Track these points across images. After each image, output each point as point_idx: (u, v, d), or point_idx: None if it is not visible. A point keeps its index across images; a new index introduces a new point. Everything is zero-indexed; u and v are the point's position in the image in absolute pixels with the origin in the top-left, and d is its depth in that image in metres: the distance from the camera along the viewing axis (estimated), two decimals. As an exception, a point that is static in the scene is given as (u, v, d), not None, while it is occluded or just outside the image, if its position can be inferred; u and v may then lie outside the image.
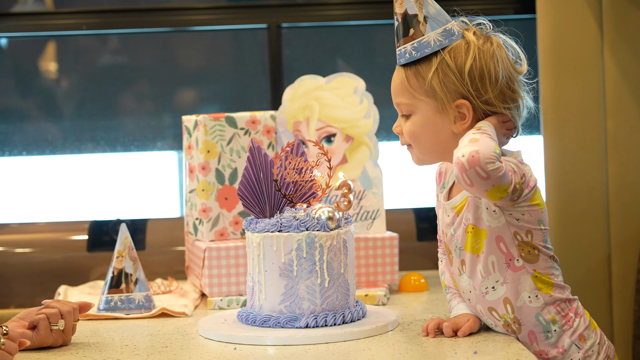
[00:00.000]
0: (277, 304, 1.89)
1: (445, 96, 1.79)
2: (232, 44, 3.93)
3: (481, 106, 1.79)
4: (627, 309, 2.86)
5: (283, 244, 1.88)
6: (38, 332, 1.84)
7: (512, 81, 1.81)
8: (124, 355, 1.79)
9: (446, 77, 1.79)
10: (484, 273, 1.82)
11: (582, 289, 2.79)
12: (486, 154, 1.64)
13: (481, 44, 1.80)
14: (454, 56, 1.79)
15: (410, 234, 2.84)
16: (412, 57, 1.81)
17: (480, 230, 1.80)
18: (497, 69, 1.79)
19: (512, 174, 1.69)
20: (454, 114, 1.80)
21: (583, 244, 2.87)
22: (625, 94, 2.87)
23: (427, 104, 1.82)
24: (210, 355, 1.76)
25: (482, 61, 1.78)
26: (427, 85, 1.80)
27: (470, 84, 1.78)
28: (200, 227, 2.36)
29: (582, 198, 2.88)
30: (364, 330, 1.85)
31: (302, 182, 1.98)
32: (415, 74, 1.82)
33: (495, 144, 1.67)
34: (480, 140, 1.67)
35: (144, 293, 2.21)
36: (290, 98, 2.43)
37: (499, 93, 1.79)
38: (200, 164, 2.36)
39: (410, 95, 1.83)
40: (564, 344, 1.81)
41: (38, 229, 2.94)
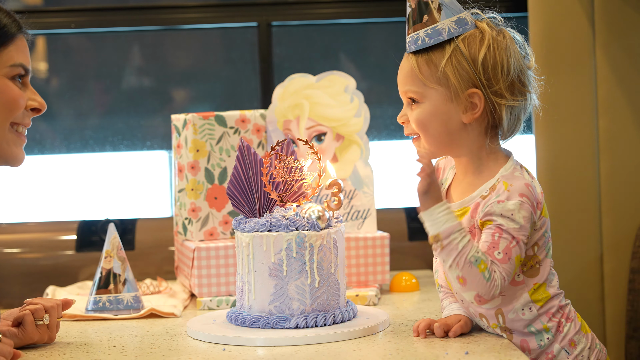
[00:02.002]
0: (267, 304, 1.89)
1: (458, 84, 1.78)
2: (223, 43, 3.93)
3: (491, 97, 1.78)
4: (619, 309, 2.86)
5: (273, 243, 1.88)
6: (24, 329, 1.85)
7: (522, 74, 1.81)
8: (111, 356, 1.79)
9: (460, 65, 1.78)
10: None
11: (574, 288, 2.79)
12: (486, 291, 1.72)
13: (495, 34, 1.80)
14: (468, 44, 1.78)
15: (401, 234, 2.84)
16: (424, 43, 1.80)
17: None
18: (509, 60, 1.79)
19: (514, 250, 1.74)
20: (465, 103, 1.79)
21: (575, 244, 2.87)
22: (617, 92, 2.87)
23: (437, 92, 1.80)
24: (199, 356, 1.76)
25: (495, 52, 1.78)
26: (439, 72, 1.79)
27: (482, 73, 1.77)
28: (190, 226, 2.36)
29: (574, 197, 2.88)
30: (354, 331, 1.85)
31: (292, 181, 1.98)
32: (427, 61, 1.80)
33: (471, 255, 1.71)
34: (466, 280, 1.72)
35: (132, 293, 2.20)
36: (280, 97, 2.43)
37: (510, 85, 1.79)
38: (189, 163, 2.35)
39: (421, 83, 1.81)
40: (553, 350, 1.81)
41: (26, 229, 2.93)
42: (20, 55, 1.77)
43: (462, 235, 1.72)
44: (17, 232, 2.90)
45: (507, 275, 1.73)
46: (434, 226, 1.72)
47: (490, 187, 1.79)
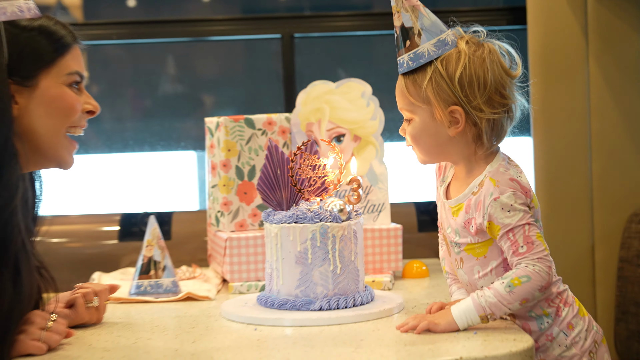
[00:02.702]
0: (293, 288, 1.89)
1: (438, 103, 1.76)
2: (247, 53, 3.94)
3: (471, 111, 1.76)
4: (609, 294, 2.86)
5: (299, 234, 1.88)
6: (75, 310, 1.86)
7: (502, 87, 1.77)
8: (154, 335, 1.80)
9: (439, 86, 1.76)
10: (482, 274, 1.82)
11: (568, 276, 2.77)
12: (538, 285, 1.71)
13: (472, 52, 1.76)
14: (445, 65, 1.76)
15: (412, 226, 2.84)
16: (409, 67, 1.79)
17: (488, 239, 1.80)
18: (486, 75, 1.75)
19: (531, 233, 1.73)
20: (449, 119, 1.77)
21: (569, 235, 2.87)
22: (609, 98, 2.87)
23: (424, 110, 1.79)
24: (233, 335, 1.77)
25: (471, 69, 1.75)
26: (422, 92, 1.78)
27: (460, 91, 1.75)
28: (222, 219, 2.37)
29: (568, 193, 2.88)
30: (372, 313, 1.85)
31: (315, 177, 1.99)
32: (413, 82, 1.80)
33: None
34: (523, 297, 1.71)
35: (171, 279, 2.21)
36: (303, 101, 2.43)
37: (488, 99, 1.76)
38: (221, 161, 2.36)
39: (410, 102, 1.81)
40: (553, 332, 1.80)
41: (73, 220, 2.95)
42: (75, 63, 1.77)
43: (480, 295, 1.71)
44: (65, 223, 2.91)
45: (541, 255, 1.71)
46: (473, 319, 1.71)
47: (479, 184, 1.79)
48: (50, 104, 1.73)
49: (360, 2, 4.05)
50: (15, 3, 1.72)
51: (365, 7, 4.07)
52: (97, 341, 1.75)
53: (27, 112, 1.71)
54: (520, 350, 1.58)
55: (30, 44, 1.71)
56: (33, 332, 1.66)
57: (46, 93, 1.72)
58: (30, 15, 1.74)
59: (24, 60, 1.70)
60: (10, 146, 1.64)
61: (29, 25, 1.73)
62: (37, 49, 1.72)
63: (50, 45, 1.73)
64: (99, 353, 1.65)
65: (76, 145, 1.82)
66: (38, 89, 1.71)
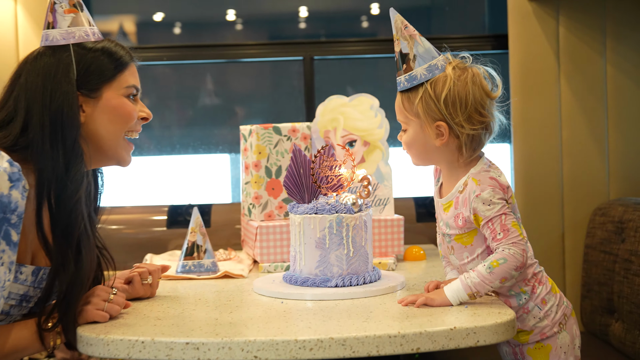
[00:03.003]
0: (314, 268, 1.89)
1: (426, 118, 1.76)
2: (273, 72, 3.94)
3: (454, 126, 1.75)
4: (576, 276, 2.85)
5: (318, 223, 1.88)
6: (132, 286, 1.86)
7: (482, 106, 1.76)
8: (197, 306, 1.80)
9: (427, 104, 1.76)
10: (470, 258, 1.81)
11: (542, 259, 2.75)
12: (514, 266, 1.70)
13: (457, 76, 1.75)
14: (434, 87, 1.76)
15: (411, 217, 2.84)
16: (405, 86, 1.79)
17: (473, 230, 1.80)
18: (467, 97, 1.74)
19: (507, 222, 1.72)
20: (435, 132, 1.77)
21: (543, 225, 2.87)
22: (577, 111, 2.86)
23: (416, 123, 1.79)
24: (263, 306, 1.77)
25: (455, 91, 1.74)
26: (414, 108, 1.78)
27: (445, 109, 1.74)
28: (253, 210, 2.37)
29: (542, 191, 2.87)
30: (379, 289, 1.85)
31: (332, 176, 1.98)
32: (407, 99, 1.79)
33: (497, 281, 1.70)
34: (502, 276, 1.70)
35: (211, 260, 2.21)
36: (321, 113, 2.43)
37: (468, 117, 1.75)
38: (253, 162, 2.36)
39: (405, 115, 1.81)
40: (528, 307, 1.81)
41: (129, 211, 2.95)
42: (132, 78, 1.78)
43: (467, 277, 1.70)
44: (122, 213, 2.92)
45: (515, 240, 1.71)
46: (462, 297, 1.70)
47: (463, 184, 1.78)
48: (112, 112, 1.73)
49: (368, 31, 4.04)
50: (82, 28, 1.73)
51: (371, 34, 4.06)
52: (150, 311, 1.75)
53: (92, 119, 1.72)
54: (504, 321, 1.58)
55: (95, 62, 1.72)
56: (97, 303, 1.66)
57: (108, 103, 1.73)
58: (94, 38, 1.75)
59: (90, 75, 1.71)
60: (77, 147, 1.65)
61: (94, 47, 1.73)
62: (101, 67, 1.72)
63: (111, 63, 1.74)
64: (152, 321, 1.65)
65: (133, 146, 1.82)
66: (101, 100, 1.72)
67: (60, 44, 1.70)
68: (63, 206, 1.61)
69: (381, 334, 1.50)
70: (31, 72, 1.67)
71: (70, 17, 1.72)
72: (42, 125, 1.62)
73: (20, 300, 1.62)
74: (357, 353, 1.49)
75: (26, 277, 1.61)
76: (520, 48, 2.85)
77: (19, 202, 1.51)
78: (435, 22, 4.18)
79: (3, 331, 1.58)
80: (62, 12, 1.72)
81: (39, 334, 1.59)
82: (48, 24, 1.72)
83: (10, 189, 1.50)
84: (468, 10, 4.07)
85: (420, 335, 1.51)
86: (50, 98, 1.64)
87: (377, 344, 1.50)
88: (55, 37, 1.71)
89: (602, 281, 2.60)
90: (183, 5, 4.02)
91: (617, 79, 2.86)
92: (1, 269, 1.50)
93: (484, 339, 1.55)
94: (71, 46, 1.70)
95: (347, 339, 1.49)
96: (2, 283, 1.50)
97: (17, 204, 1.51)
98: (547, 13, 2.85)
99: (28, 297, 1.64)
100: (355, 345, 1.49)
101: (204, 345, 1.49)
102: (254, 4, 3.99)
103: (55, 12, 1.72)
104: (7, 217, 1.49)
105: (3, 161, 1.52)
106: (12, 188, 1.51)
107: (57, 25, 1.71)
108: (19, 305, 1.63)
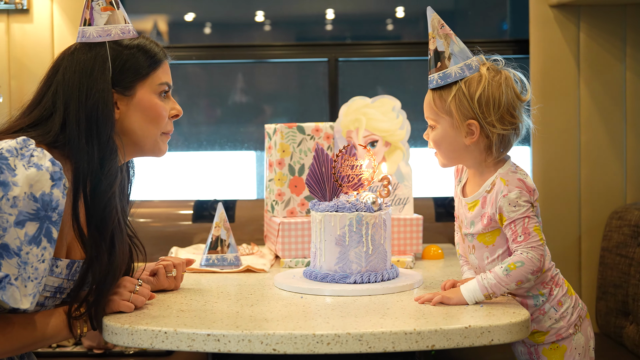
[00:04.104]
0: (333, 265, 1.89)
1: (459, 116, 1.75)
2: (300, 73, 3.93)
3: (485, 126, 1.74)
4: (592, 278, 2.83)
5: (339, 220, 1.88)
6: (157, 278, 1.87)
7: (513, 108, 1.75)
8: (220, 299, 1.80)
9: (461, 102, 1.74)
10: (490, 259, 1.80)
11: (559, 261, 2.75)
12: (530, 270, 1.69)
13: (491, 77, 1.75)
14: (468, 86, 1.74)
15: (430, 216, 2.82)
16: (438, 84, 1.78)
17: (496, 229, 1.78)
18: (500, 98, 1.73)
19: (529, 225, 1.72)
20: (466, 130, 1.76)
21: (561, 228, 2.85)
22: (596, 116, 2.84)
23: (446, 121, 1.78)
24: (284, 301, 1.77)
25: (489, 91, 1.73)
26: (447, 106, 1.76)
27: (478, 108, 1.73)
28: (276, 206, 2.37)
29: (560, 194, 2.86)
30: (397, 286, 1.84)
31: (353, 175, 1.98)
32: (439, 96, 1.78)
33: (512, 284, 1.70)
34: (518, 279, 1.69)
35: (234, 254, 2.22)
36: (344, 113, 2.43)
37: (500, 117, 1.74)
38: (277, 160, 2.36)
39: (435, 113, 1.79)
40: (545, 308, 1.80)
41: (156, 205, 2.96)
42: (165, 75, 1.77)
43: (484, 277, 1.69)
44: (149, 207, 2.93)
45: (535, 244, 1.70)
46: (478, 297, 1.69)
47: (491, 184, 1.77)
48: (144, 111, 1.73)
49: (392, 34, 4.03)
50: (118, 26, 1.73)
51: (395, 37, 4.05)
52: (174, 303, 1.76)
53: (126, 116, 1.72)
54: (519, 321, 1.57)
55: (130, 59, 1.72)
56: (124, 293, 1.67)
57: (141, 102, 1.73)
58: (130, 36, 1.75)
59: (125, 73, 1.71)
60: (112, 143, 1.66)
61: (130, 44, 1.73)
62: (136, 64, 1.72)
63: (146, 60, 1.73)
64: (176, 313, 1.66)
65: (169, 136, 1.82)
66: (135, 98, 1.72)
67: (96, 41, 1.70)
68: (98, 201, 1.61)
69: (397, 331, 1.49)
70: (68, 68, 1.67)
71: (107, 15, 1.72)
72: (78, 122, 1.63)
73: (54, 292, 1.63)
74: (373, 348, 1.49)
75: (61, 271, 1.62)
76: (541, 53, 2.83)
77: (59, 201, 1.52)
78: (458, 26, 4.16)
79: (34, 319, 1.60)
80: (99, 9, 1.72)
81: (68, 321, 1.61)
82: (85, 20, 1.72)
83: (52, 188, 1.52)
84: (490, 15, 4.04)
85: (436, 333, 1.50)
86: (86, 95, 1.65)
87: (393, 340, 1.49)
88: (91, 34, 1.71)
89: (618, 284, 2.58)
90: (213, 6, 4.03)
91: (636, 85, 2.83)
92: (42, 265, 1.51)
93: (498, 338, 1.53)
94: (107, 43, 1.70)
95: (363, 335, 1.49)
96: (40, 279, 1.51)
97: (57, 202, 1.52)
98: (568, 19, 2.82)
99: (62, 289, 1.65)
100: (371, 340, 1.49)
101: (225, 337, 1.49)
102: (282, 5, 3.99)
103: (92, 9, 1.72)
104: (48, 215, 1.51)
105: (45, 160, 1.53)
106: (53, 187, 1.52)
107: (94, 23, 1.71)
108: (53, 297, 1.64)
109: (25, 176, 1.49)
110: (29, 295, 1.49)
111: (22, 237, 1.48)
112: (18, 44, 2.87)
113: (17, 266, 1.48)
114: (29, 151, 1.53)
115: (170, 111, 1.79)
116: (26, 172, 1.50)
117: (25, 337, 1.58)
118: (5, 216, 1.47)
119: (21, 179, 1.49)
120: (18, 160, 1.51)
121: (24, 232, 1.48)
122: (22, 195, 1.48)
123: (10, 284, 1.47)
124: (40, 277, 1.51)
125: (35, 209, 1.49)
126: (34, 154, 1.53)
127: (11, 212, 1.47)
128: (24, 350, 1.60)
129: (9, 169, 1.49)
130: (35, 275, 1.50)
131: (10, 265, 1.47)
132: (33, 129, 1.64)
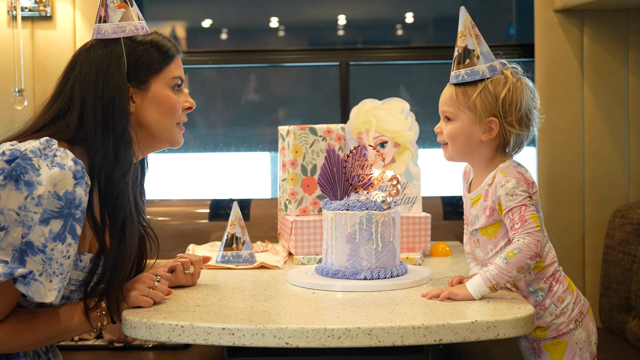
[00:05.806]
0: (344, 261, 1.89)
1: (483, 112, 1.76)
2: (312, 76, 3.94)
3: (504, 125, 1.76)
4: (595, 274, 2.82)
5: (349, 219, 1.88)
6: (175, 275, 1.87)
7: (529, 113, 1.78)
8: (235, 294, 1.81)
9: (486, 99, 1.75)
10: (494, 251, 1.80)
11: (563, 258, 2.75)
12: (529, 255, 1.69)
13: (514, 81, 1.77)
14: (494, 85, 1.76)
15: (438, 215, 2.82)
16: (464, 79, 1.78)
17: (497, 222, 1.78)
18: (522, 101, 1.76)
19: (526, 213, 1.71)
20: (485, 126, 1.77)
21: (565, 226, 2.84)
22: (599, 118, 2.83)
23: (467, 115, 1.78)
24: (296, 297, 1.77)
25: (513, 93, 1.75)
26: (470, 101, 1.76)
27: (501, 107, 1.75)
28: (289, 205, 2.37)
29: (565, 193, 2.85)
30: (406, 283, 1.84)
31: (363, 175, 1.98)
32: (463, 92, 1.78)
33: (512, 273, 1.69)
34: (518, 265, 1.69)
35: (248, 251, 2.22)
36: (355, 115, 2.43)
37: (519, 118, 1.76)
38: (290, 160, 2.36)
39: (456, 107, 1.79)
40: (545, 304, 1.79)
41: (174, 204, 2.97)
42: (177, 69, 1.78)
43: (486, 270, 1.70)
44: (167, 206, 2.94)
45: (531, 230, 1.70)
46: (483, 290, 1.69)
47: (492, 177, 1.78)
48: (159, 104, 1.74)
49: (402, 38, 4.02)
50: (132, 23, 1.74)
51: (405, 42, 4.04)
52: (190, 298, 1.77)
53: (142, 109, 1.73)
54: (524, 316, 1.56)
55: (144, 54, 1.72)
56: (142, 289, 1.68)
57: (155, 95, 1.73)
58: (143, 32, 1.75)
59: (139, 67, 1.71)
60: (127, 135, 1.66)
61: (144, 39, 1.74)
62: (149, 59, 1.73)
63: (159, 55, 1.74)
64: (192, 308, 1.67)
65: (183, 128, 1.83)
66: (149, 92, 1.73)
67: (111, 37, 1.71)
68: (111, 189, 1.62)
69: (406, 325, 1.49)
70: (85, 63, 1.68)
71: (121, 12, 1.73)
72: (95, 114, 1.64)
73: (79, 285, 1.64)
74: (383, 342, 1.49)
75: (85, 265, 1.63)
76: (545, 57, 2.82)
77: (82, 199, 1.53)
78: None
79: (58, 313, 1.61)
80: (114, 7, 1.73)
81: (86, 312, 1.61)
82: (100, 17, 1.73)
83: (74, 186, 1.53)
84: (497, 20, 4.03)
85: (443, 327, 1.50)
86: (102, 89, 1.65)
87: (402, 334, 1.49)
88: (107, 31, 1.72)
89: (621, 280, 2.57)
90: (230, 12, 4.04)
91: (638, 87, 2.82)
92: (67, 261, 1.52)
93: (503, 333, 1.53)
94: (122, 39, 1.71)
95: (373, 329, 1.49)
96: (65, 274, 1.52)
97: (80, 200, 1.53)
98: (572, 24, 2.81)
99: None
100: (380, 335, 1.49)
101: (239, 331, 1.50)
102: (296, 12, 4.00)
103: (107, 7, 1.73)
104: (72, 213, 1.52)
105: (68, 159, 1.54)
106: (76, 185, 1.53)
107: (109, 20, 1.72)
108: (78, 290, 1.65)
109: (49, 175, 1.50)
110: (54, 290, 1.50)
111: (46, 235, 1.49)
112: (42, 49, 2.89)
113: (41, 262, 1.49)
114: (52, 151, 1.54)
115: (184, 104, 1.80)
116: (50, 172, 1.51)
117: (50, 330, 1.59)
118: (30, 214, 1.48)
119: (45, 178, 1.50)
120: (42, 160, 1.52)
121: (49, 230, 1.49)
122: (47, 194, 1.49)
123: (34, 279, 1.48)
124: (65, 272, 1.52)
125: (59, 207, 1.50)
126: (57, 154, 1.54)
127: (36, 211, 1.48)
128: (48, 343, 1.61)
129: (33, 169, 1.50)
130: (60, 270, 1.51)
131: (34, 262, 1.48)
132: (54, 124, 1.65)
